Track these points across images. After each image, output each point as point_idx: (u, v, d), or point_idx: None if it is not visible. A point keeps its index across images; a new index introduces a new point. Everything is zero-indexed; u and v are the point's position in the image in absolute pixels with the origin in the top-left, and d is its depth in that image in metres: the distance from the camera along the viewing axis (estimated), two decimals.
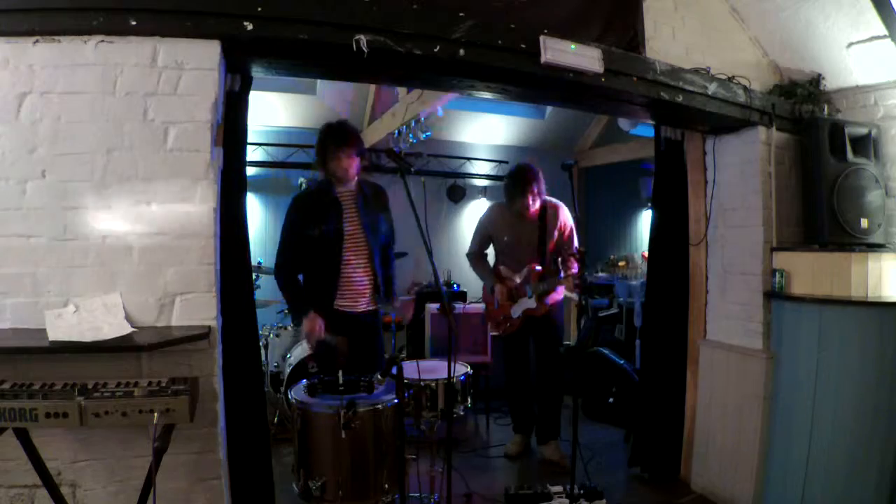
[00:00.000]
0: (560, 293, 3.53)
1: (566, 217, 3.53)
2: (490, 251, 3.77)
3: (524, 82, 2.42)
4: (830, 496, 2.58)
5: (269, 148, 5.13)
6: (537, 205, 3.41)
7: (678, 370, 3.29)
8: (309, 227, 2.61)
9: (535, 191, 3.38)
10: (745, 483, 2.89)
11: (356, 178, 2.72)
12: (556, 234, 3.49)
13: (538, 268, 3.42)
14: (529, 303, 3.44)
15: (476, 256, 3.74)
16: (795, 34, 2.97)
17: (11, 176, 1.74)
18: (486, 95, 2.62)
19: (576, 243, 3.42)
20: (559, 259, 3.42)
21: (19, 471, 1.69)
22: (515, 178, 3.40)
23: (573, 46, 2.30)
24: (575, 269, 3.18)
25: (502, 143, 6.15)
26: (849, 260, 2.64)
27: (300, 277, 2.73)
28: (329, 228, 2.61)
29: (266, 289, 4.21)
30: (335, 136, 2.62)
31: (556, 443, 3.55)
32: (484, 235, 3.70)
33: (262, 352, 3.85)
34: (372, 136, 4.92)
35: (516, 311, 3.50)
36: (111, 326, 1.70)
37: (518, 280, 3.48)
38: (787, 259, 2.85)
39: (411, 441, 2.29)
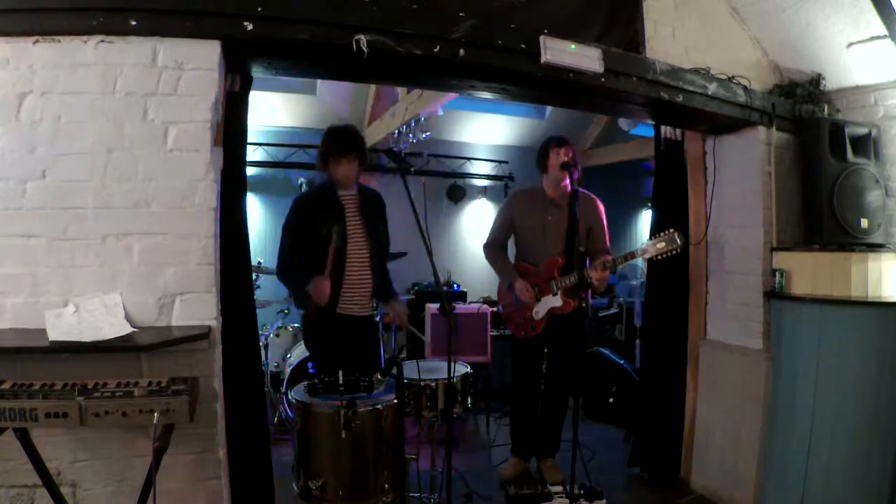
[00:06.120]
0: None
1: (600, 212, 3.20)
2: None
3: (524, 82, 2.42)
4: (830, 496, 2.58)
5: (269, 148, 5.13)
6: (570, 177, 2.93)
7: (678, 370, 3.29)
8: (313, 229, 2.61)
9: (567, 152, 3.02)
10: (745, 483, 2.89)
11: (356, 182, 2.73)
12: (587, 227, 3.14)
13: (561, 261, 3.06)
14: (554, 301, 3.04)
15: (494, 247, 3.27)
16: (795, 34, 2.97)
17: (11, 176, 1.73)
18: (486, 95, 2.62)
19: (607, 245, 3.18)
20: (587, 255, 3.07)
21: (19, 471, 1.68)
22: (545, 140, 3.16)
23: (573, 46, 2.30)
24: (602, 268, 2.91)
25: (502, 143, 6.15)
26: (849, 260, 2.65)
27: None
28: (332, 230, 2.61)
29: (266, 289, 4.20)
30: (338, 142, 2.62)
31: (555, 461, 3.27)
32: (506, 221, 3.27)
33: (262, 352, 3.85)
34: (372, 136, 4.93)
35: (540, 311, 3.08)
36: (111, 326, 1.70)
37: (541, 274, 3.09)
38: (787, 259, 2.85)
39: (411, 441, 2.30)
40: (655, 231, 3.10)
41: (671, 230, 2.87)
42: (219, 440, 1.89)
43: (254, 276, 3.02)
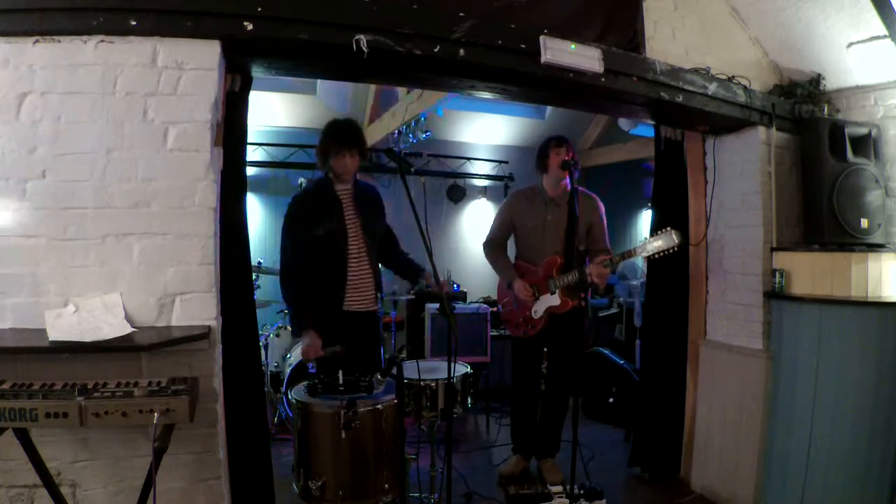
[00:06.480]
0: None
1: (600, 211, 3.21)
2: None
3: (524, 82, 2.42)
4: (830, 496, 2.58)
5: (269, 148, 5.14)
6: (570, 176, 2.89)
7: (678, 370, 3.29)
8: (313, 226, 2.61)
9: (567, 151, 3.03)
10: (745, 483, 2.89)
11: (353, 176, 2.73)
12: (587, 226, 3.14)
13: (559, 260, 3.06)
14: (553, 300, 3.04)
15: (494, 245, 3.28)
16: (795, 34, 2.97)
17: (11, 176, 1.73)
18: (486, 95, 2.62)
19: (607, 244, 3.19)
20: (587, 254, 3.07)
21: (19, 471, 1.68)
22: (545, 140, 3.17)
23: (573, 46, 2.30)
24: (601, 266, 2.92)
25: (502, 143, 6.16)
26: (849, 260, 2.65)
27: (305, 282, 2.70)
28: (333, 226, 2.61)
29: (266, 289, 4.21)
30: (339, 135, 2.63)
31: (555, 461, 3.27)
32: (505, 220, 3.28)
33: (262, 352, 3.85)
34: (372, 136, 4.93)
35: (538, 310, 3.07)
36: (111, 326, 1.70)
37: (540, 273, 3.09)
38: (787, 259, 2.85)
39: (411, 441, 2.30)
40: (655, 231, 3.09)
41: (668, 228, 2.90)
42: (219, 440, 1.89)
43: (254, 276, 3.01)
